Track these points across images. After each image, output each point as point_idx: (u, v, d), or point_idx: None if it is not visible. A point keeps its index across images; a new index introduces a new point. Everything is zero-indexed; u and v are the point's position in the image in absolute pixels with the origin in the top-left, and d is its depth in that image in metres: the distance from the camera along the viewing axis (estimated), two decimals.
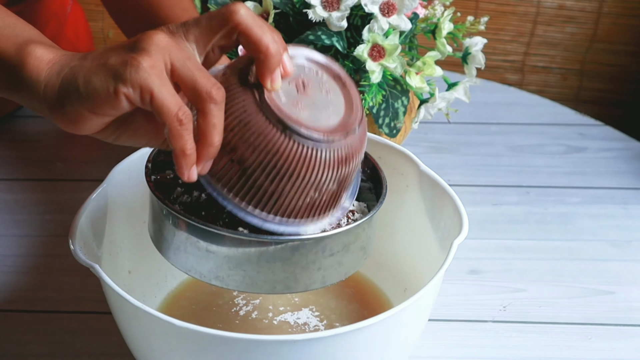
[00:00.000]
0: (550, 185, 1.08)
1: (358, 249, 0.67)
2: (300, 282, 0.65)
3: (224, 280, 0.65)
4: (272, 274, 0.64)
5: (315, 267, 0.65)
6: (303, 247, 0.63)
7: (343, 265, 0.67)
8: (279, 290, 0.65)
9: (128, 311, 0.66)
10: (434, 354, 0.83)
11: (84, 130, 0.59)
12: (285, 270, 0.64)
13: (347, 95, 0.63)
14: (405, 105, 0.89)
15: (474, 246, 0.96)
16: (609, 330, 0.86)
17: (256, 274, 0.64)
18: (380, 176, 0.72)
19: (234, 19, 0.57)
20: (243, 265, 0.64)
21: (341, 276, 0.67)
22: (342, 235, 0.65)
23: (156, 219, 0.67)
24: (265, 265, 0.63)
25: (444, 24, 0.90)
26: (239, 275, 0.64)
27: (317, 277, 0.65)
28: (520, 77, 1.90)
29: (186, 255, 0.65)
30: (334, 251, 0.65)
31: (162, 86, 0.55)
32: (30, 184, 1.05)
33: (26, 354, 0.81)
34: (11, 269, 0.91)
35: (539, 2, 1.81)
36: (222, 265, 0.64)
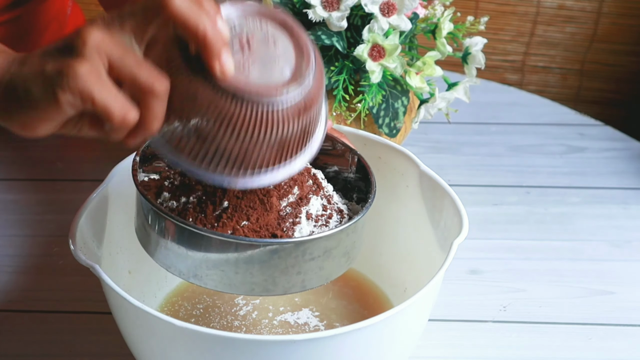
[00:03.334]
0: (550, 185, 1.08)
1: (341, 255, 0.66)
2: (279, 286, 0.64)
3: (202, 279, 0.64)
4: (250, 275, 0.63)
5: (295, 271, 0.64)
6: (282, 250, 0.63)
7: (324, 270, 0.66)
8: (257, 293, 0.64)
9: (128, 311, 0.66)
10: (434, 354, 0.83)
11: (39, 134, 0.58)
12: (263, 273, 0.63)
13: (296, 42, 0.61)
14: (405, 105, 0.89)
15: (474, 246, 0.96)
16: (609, 330, 0.86)
17: (234, 275, 0.63)
18: (371, 180, 0.71)
19: (167, 9, 0.54)
20: (221, 266, 0.63)
21: (322, 280, 0.66)
22: (323, 240, 0.64)
23: (139, 214, 0.67)
24: (244, 266, 0.63)
25: (444, 24, 0.90)
26: (217, 275, 0.64)
27: (297, 280, 0.65)
28: (520, 77, 1.90)
29: (166, 252, 0.65)
30: (314, 255, 0.64)
31: (102, 90, 0.54)
32: (30, 184, 1.05)
33: (26, 354, 0.81)
34: (11, 269, 0.91)
35: (539, 2, 1.81)
36: (201, 264, 0.64)
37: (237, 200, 0.65)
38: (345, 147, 0.73)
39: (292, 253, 0.63)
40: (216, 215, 0.64)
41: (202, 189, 0.65)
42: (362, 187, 0.72)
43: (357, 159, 0.73)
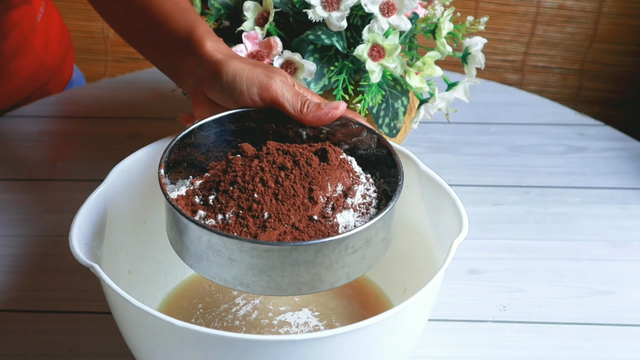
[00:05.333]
0: (550, 185, 1.08)
1: (380, 241, 0.68)
2: (325, 281, 0.65)
3: (249, 287, 0.65)
4: (297, 277, 0.64)
5: (339, 265, 0.65)
6: (326, 248, 0.64)
7: (366, 259, 0.67)
8: (305, 291, 0.65)
9: (128, 311, 0.66)
10: (434, 354, 0.83)
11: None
12: (309, 272, 0.64)
13: None
14: (405, 105, 0.89)
15: (474, 246, 0.96)
16: (609, 330, 0.86)
17: (281, 278, 0.64)
18: (395, 161, 0.72)
19: None
20: (268, 271, 0.64)
21: (365, 269, 0.68)
22: (363, 232, 0.65)
23: (175, 227, 0.67)
24: (290, 269, 0.64)
25: (444, 24, 0.90)
26: (264, 280, 0.64)
27: (342, 274, 0.66)
28: (520, 77, 1.90)
29: (209, 263, 0.66)
30: (356, 248, 0.65)
31: None
32: (30, 184, 1.05)
33: (26, 354, 0.81)
34: (11, 269, 0.91)
35: (539, 2, 1.81)
36: (247, 272, 0.64)
37: (278, 207, 0.65)
38: (363, 127, 0.74)
39: (336, 249, 0.64)
40: (259, 226, 0.65)
41: (235, 205, 0.66)
42: (384, 164, 0.73)
43: (376, 138, 0.74)
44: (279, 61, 0.83)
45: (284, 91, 0.73)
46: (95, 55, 1.90)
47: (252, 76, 0.74)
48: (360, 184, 0.71)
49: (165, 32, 0.82)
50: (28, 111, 1.19)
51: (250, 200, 0.66)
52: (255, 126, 0.75)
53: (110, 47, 1.90)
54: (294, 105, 0.73)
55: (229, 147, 0.75)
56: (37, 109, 1.20)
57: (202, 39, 0.78)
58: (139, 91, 1.25)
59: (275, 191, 0.66)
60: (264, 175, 0.67)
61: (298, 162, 0.68)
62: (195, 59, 0.77)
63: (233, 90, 0.74)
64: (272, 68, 0.75)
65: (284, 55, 0.83)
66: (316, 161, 0.69)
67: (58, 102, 1.22)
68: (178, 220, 0.66)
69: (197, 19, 0.81)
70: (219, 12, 0.91)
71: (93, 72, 1.88)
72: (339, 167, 0.70)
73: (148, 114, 1.20)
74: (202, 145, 0.74)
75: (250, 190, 0.66)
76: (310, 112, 0.73)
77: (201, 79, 0.77)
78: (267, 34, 0.86)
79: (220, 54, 0.76)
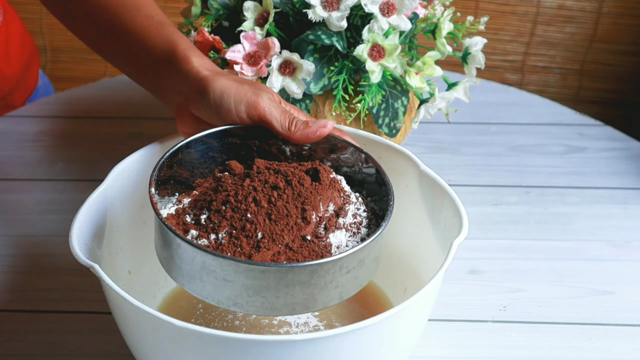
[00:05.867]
0: (550, 185, 1.08)
1: (371, 261, 0.68)
2: (319, 302, 0.66)
3: (243, 307, 0.65)
4: (291, 297, 0.64)
5: (333, 286, 0.65)
6: (321, 269, 0.64)
7: (359, 279, 0.67)
8: (298, 312, 0.65)
9: (128, 311, 0.66)
10: (434, 354, 0.83)
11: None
12: (304, 292, 0.64)
13: None
14: (405, 105, 0.89)
15: (474, 246, 0.96)
16: (609, 330, 0.86)
17: (276, 299, 0.64)
18: (385, 180, 0.72)
19: None
20: (262, 292, 0.64)
21: (357, 288, 0.68)
22: (357, 253, 0.65)
23: (167, 246, 0.67)
24: (285, 290, 0.64)
25: (444, 24, 0.90)
26: (259, 301, 0.64)
27: (335, 294, 0.66)
28: (520, 77, 1.90)
29: (202, 283, 0.65)
30: (350, 268, 0.66)
31: None
32: (30, 184, 1.05)
33: (26, 354, 0.81)
34: (11, 269, 0.91)
35: (539, 2, 1.81)
36: (241, 293, 0.64)
37: (272, 227, 0.65)
38: (350, 145, 0.74)
39: (331, 270, 0.64)
40: (253, 246, 0.65)
41: (228, 225, 0.66)
42: (373, 182, 0.73)
43: (364, 157, 0.73)
44: (277, 61, 0.83)
45: (271, 109, 0.73)
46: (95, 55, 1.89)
47: (239, 94, 0.73)
48: (351, 203, 0.70)
49: (142, 49, 0.80)
50: (28, 111, 1.19)
51: (243, 220, 0.65)
52: (239, 142, 0.75)
53: None
54: (282, 123, 0.73)
55: (214, 164, 0.75)
56: (37, 109, 1.20)
57: (187, 55, 0.76)
58: (139, 91, 1.25)
59: (269, 211, 0.66)
60: (256, 195, 0.66)
61: (290, 181, 0.68)
62: (181, 75, 0.76)
63: (220, 107, 0.73)
64: (259, 85, 0.74)
65: (283, 55, 0.83)
66: (308, 181, 0.68)
67: (58, 102, 1.22)
68: (170, 240, 0.66)
69: (175, 33, 0.80)
70: (218, 12, 0.91)
71: (93, 72, 1.88)
72: (330, 186, 0.69)
73: (148, 114, 1.20)
74: (188, 162, 0.73)
75: (243, 210, 0.66)
76: (298, 130, 0.72)
77: (186, 95, 0.76)
78: (267, 34, 0.86)
79: (206, 71, 0.75)
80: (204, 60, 0.77)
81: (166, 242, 0.67)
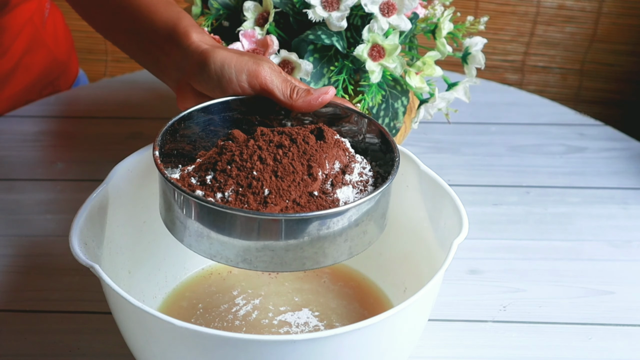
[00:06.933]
0: (550, 185, 1.08)
1: (380, 216, 0.68)
2: (329, 256, 0.65)
3: (252, 263, 0.64)
4: (300, 250, 0.64)
5: (342, 239, 0.65)
6: (330, 219, 0.63)
7: (367, 234, 0.67)
8: (308, 266, 0.65)
9: (128, 311, 0.66)
10: (434, 354, 0.83)
11: None
12: (313, 245, 0.64)
13: None
14: (405, 105, 0.89)
15: (474, 246, 0.96)
16: (609, 330, 0.86)
17: (284, 253, 0.64)
18: (389, 141, 0.72)
19: None
20: (271, 246, 0.63)
21: (365, 245, 0.68)
22: (365, 204, 0.65)
23: (173, 207, 0.67)
24: (294, 243, 0.63)
25: (444, 24, 0.90)
26: (267, 256, 0.64)
27: (345, 248, 0.66)
28: (520, 77, 1.90)
29: (210, 241, 0.65)
30: (359, 221, 0.65)
31: None
32: (30, 184, 1.05)
33: (26, 354, 0.81)
34: (11, 269, 0.91)
35: (539, 2, 1.81)
36: (250, 248, 0.64)
37: (278, 183, 0.65)
38: (353, 111, 0.74)
39: (340, 221, 0.64)
40: (260, 202, 0.64)
41: (234, 183, 0.65)
42: (377, 148, 0.73)
43: (366, 121, 0.74)
44: (275, 60, 0.83)
45: (273, 77, 0.73)
46: (95, 55, 1.90)
47: (240, 64, 0.74)
48: (357, 162, 0.71)
49: (148, 25, 0.81)
50: (28, 111, 1.19)
51: (249, 177, 0.65)
52: (241, 117, 0.75)
53: (110, 47, 1.90)
54: (284, 91, 0.73)
55: (216, 137, 0.75)
56: (37, 109, 1.20)
57: (188, 31, 0.78)
58: (138, 91, 1.25)
59: (274, 168, 0.66)
60: (261, 153, 0.66)
61: (295, 140, 0.68)
62: (181, 50, 0.77)
63: (222, 78, 0.74)
64: (259, 56, 0.75)
65: (281, 55, 0.83)
66: (313, 139, 0.68)
67: (58, 102, 1.22)
68: (176, 200, 0.65)
69: (180, 12, 0.81)
70: (218, 12, 0.91)
71: (93, 72, 1.88)
72: (335, 145, 0.70)
73: (148, 114, 1.20)
74: (190, 135, 0.74)
75: (248, 168, 0.66)
76: (300, 98, 0.73)
77: (186, 70, 0.77)
78: (267, 34, 0.86)
79: (206, 44, 0.76)
80: (204, 35, 0.78)
81: (172, 204, 0.67)
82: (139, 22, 0.82)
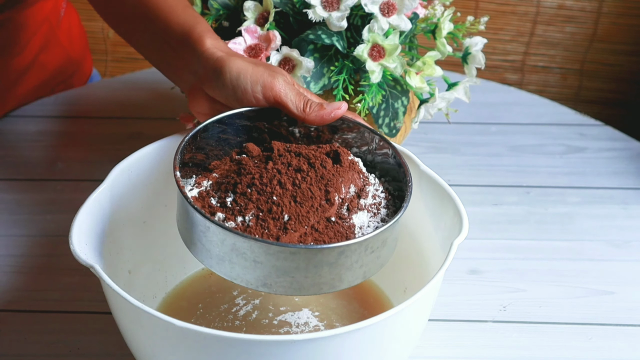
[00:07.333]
0: (550, 185, 1.08)
1: (392, 240, 0.70)
2: (345, 281, 0.67)
3: (271, 287, 0.66)
4: (319, 277, 0.65)
5: (358, 265, 0.66)
6: (349, 249, 0.65)
7: (381, 258, 0.69)
8: (325, 291, 0.66)
9: (128, 311, 0.66)
10: (434, 354, 0.83)
11: None
12: (331, 272, 0.65)
13: None
14: (405, 105, 0.89)
15: (474, 246, 0.96)
16: (609, 330, 0.86)
17: (304, 279, 0.65)
18: (401, 162, 0.73)
19: None
20: (291, 273, 0.65)
21: (378, 267, 0.69)
22: (381, 233, 0.67)
23: (193, 229, 0.67)
24: (313, 270, 0.65)
25: (444, 24, 0.90)
26: (287, 281, 0.65)
27: (359, 273, 0.67)
28: (520, 77, 1.90)
29: (232, 265, 0.66)
30: (374, 248, 0.67)
31: None
32: (30, 184, 1.05)
33: (26, 354, 0.81)
34: (11, 269, 0.91)
35: (539, 2, 1.81)
36: (271, 274, 0.65)
37: (297, 209, 0.66)
38: (363, 127, 0.75)
39: (357, 250, 0.66)
40: (280, 228, 0.66)
41: (254, 207, 0.66)
42: (386, 163, 0.74)
43: (377, 138, 0.74)
44: (276, 57, 0.83)
45: (287, 91, 0.74)
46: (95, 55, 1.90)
47: (256, 75, 0.74)
48: (370, 184, 0.72)
49: (164, 27, 0.82)
50: (28, 111, 1.19)
51: (269, 202, 0.66)
52: (250, 124, 0.76)
53: (110, 47, 1.90)
54: (297, 104, 0.74)
55: (228, 146, 0.75)
56: (37, 109, 1.20)
57: (202, 36, 0.78)
58: (139, 91, 1.25)
59: (294, 193, 0.67)
60: (281, 177, 0.67)
61: (313, 164, 0.69)
62: (195, 55, 0.78)
63: (237, 88, 0.74)
64: (274, 67, 0.76)
65: (282, 52, 0.83)
66: (329, 163, 0.70)
67: (58, 102, 1.22)
68: (198, 223, 0.66)
69: (197, 17, 0.82)
70: (218, 12, 0.91)
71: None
72: (350, 168, 0.71)
73: (148, 114, 1.20)
74: (204, 145, 0.74)
75: (269, 193, 0.67)
76: (313, 112, 0.73)
77: (200, 75, 0.77)
78: None
79: (220, 52, 0.77)
80: (218, 42, 0.78)
81: (193, 225, 0.67)
82: (156, 23, 0.83)
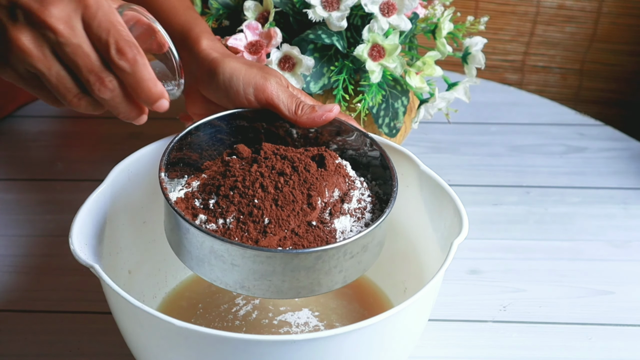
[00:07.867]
0: (550, 185, 1.08)
1: (375, 245, 0.69)
2: (324, 285, 0.67)
3: (250, 290, 0.66)
4: (297, 281, 0.65)
5: (337, 270, 0.66)
6: (326, 254, 0.65)
7: (362, 263, 0.68)
8: (303, 295, 0.66)
9: (128, 311, 0.66)
10: (434, 354, 0.83)
11: None
12: (309, 277, 0.65)
13: None
14: (405, 105, 0.89)
15: (474, 246, 0.96)
16: (609, 330, 0.86)
17: (281, 282, 0.65)
18: (389, 166, 0.72)
19: None
20: (269, 276, 0.65)
21: (360, 272, 0.69)
22: (361, 239, 0.66)
23: (177, 230, 0.68)
24: (290, 274, 0.65)
25: (444, 24, 0.90)
26: (265, 284, 0.65)
27: (339, 278, 0.67)
28: (520, 77, 1.90)
29: (210, 267, 0.66)
30: (354, 253, 0.67)
31: None
32: (30, 184, 1.05)
33: (26, 354, 0.81)
34: (11, 269, 0.91)
35: (539, 2, 1.81)
36: (248, 277, 0.65)
37: (278, 213, 0.66)
38: (355, 129, 0.75)
39: (335, 255, 0.65)
40: (259, 231, 0.66)
41: (235, 210, 0.67)
42: (377, 166, 0.74)
43: (369, 141, 0.74)
44: (277, 54, 0.83)
45: (279, 93, 0.74)
46: None
47: (248, 77, 0.74)
48: (356, 189, 0.71)
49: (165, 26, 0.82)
50: (28, 111, 1.19)
51: (250, 205, 0.66)
52: (247, 125, 0.76)
53: None
54: (289, 107, 0.74)
55: (223, 146, 0.75)
56: (37, 109, 1.20)
57: (199, 37, 0.78)
58: None
59: (275, 197, 0.67)
60: (263, 180, 0.67)
61: (297, 168, 0.69)
62: (191, 56, 0.78)
63: (229, 89, 0.74)
64: (268, 69, 0.76)
65: (283, 50, 0.83)
66: (314, 167, 0.69)
67: None
68: (180, 225, 0.67)
69: (197, 18, 0.82)
70: (218, 12, 0.91)
71: None
72: (336, 172, 0.70)
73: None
74: (197, 145, 0.74)
75: (250, 196, 0.67)
76: (304, 114, 0.73)
77: (196, 76, 0.77)
78: None
79: (216, 53, 0.77)
80: (215, 43, 0.79)
81: (176, 227, 0.68)
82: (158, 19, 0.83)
